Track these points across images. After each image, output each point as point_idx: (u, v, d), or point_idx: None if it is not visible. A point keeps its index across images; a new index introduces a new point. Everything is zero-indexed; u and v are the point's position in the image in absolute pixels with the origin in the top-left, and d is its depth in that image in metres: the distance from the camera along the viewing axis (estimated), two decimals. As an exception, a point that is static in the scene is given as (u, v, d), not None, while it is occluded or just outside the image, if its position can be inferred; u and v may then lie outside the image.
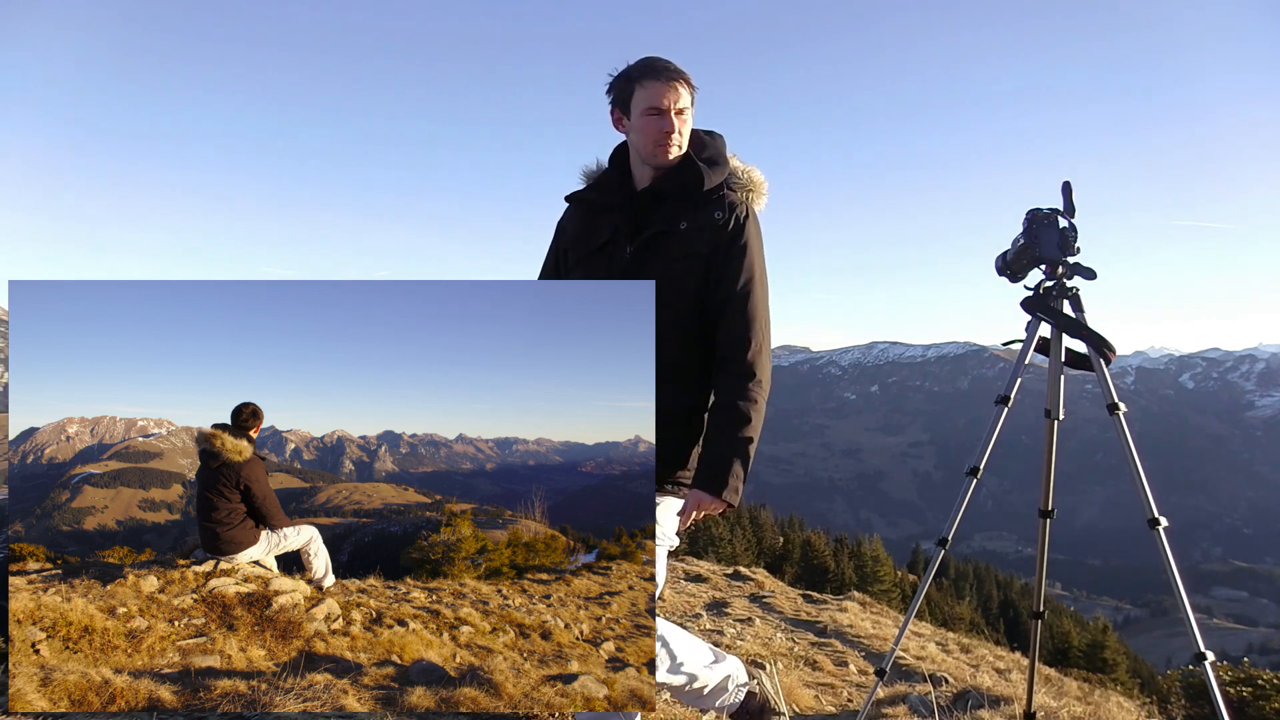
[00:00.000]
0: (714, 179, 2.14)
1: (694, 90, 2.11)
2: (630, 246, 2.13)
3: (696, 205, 2.12)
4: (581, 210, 2.30)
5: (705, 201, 2.12)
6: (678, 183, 2.14)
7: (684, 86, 2.08)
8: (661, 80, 2.06)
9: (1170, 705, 8.79)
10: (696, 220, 2.10)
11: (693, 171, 2.13)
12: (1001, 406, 2.72)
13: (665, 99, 2.05)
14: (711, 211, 2.11)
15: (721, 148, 2.21)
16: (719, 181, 2.15)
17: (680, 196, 2.13)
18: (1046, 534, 2.87)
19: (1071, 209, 2.65)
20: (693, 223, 2.10)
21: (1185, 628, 2.37)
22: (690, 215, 2.11)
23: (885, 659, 2.86)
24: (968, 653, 8.15)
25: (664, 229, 2.11)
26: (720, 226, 2.10)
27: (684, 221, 2.10)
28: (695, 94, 2.12)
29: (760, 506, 37.50)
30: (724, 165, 2.18)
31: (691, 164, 2.13)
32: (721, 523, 31.16)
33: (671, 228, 2.10)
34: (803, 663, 5.88)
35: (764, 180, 2.22)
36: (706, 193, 2.12)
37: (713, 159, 2.17)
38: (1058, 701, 4.49)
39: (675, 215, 2.11)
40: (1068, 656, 18.72)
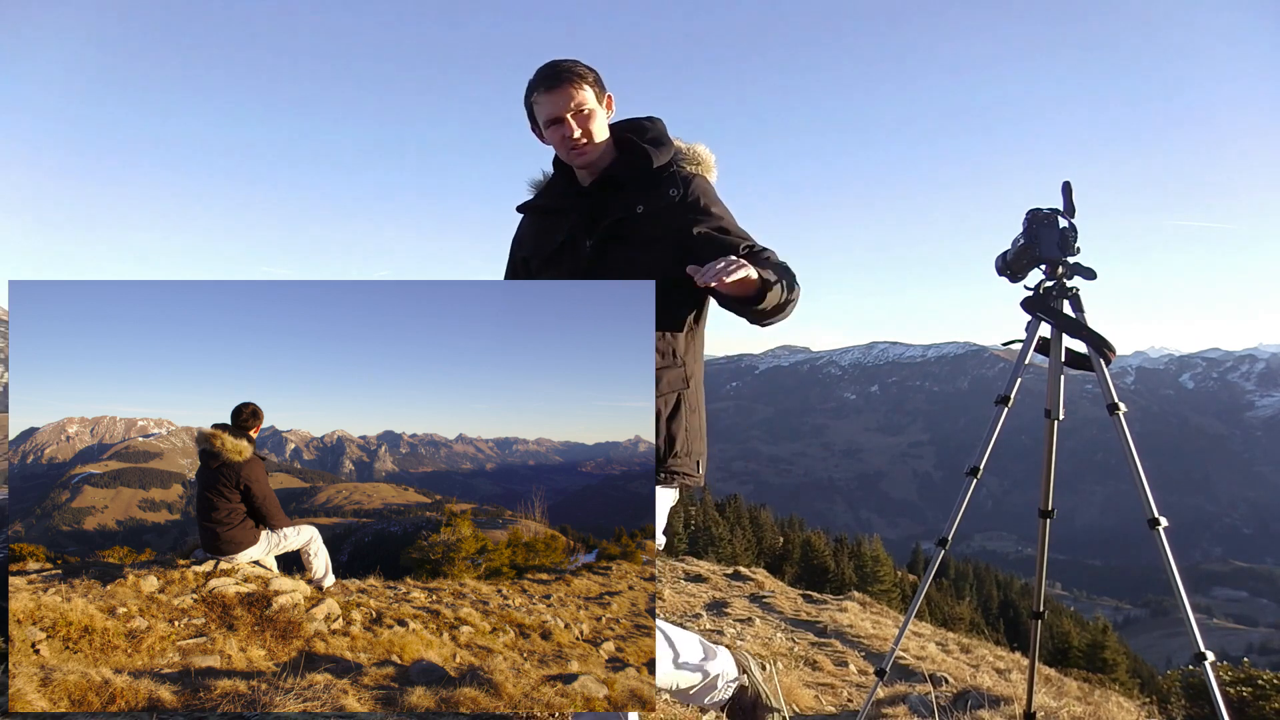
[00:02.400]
0: (661, 157, 2.09)
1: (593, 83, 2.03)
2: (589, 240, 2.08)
3: (650, 186, 2.07)
4: (534, 217, 2.27)
5: (658, 181, 2.08)
6: (627, 168, 2.10)
7: (578, 86, 2.01)
8: (549, 90, 2.01)
9: (1170, 705, 8.79)
10: (653, 202, 2.06)
11: (639, 154, 2.09)
12: (1001, 406, 2.72)
13: (558, 108, 2.01)
14: (666, 190, 2.06)
15: (662, 129, 2.17)
16: (667, 159, 2.10)
17: (633, 181, 2.09)
18: (1046, 534, 2.87)
19: (1071, 209, 2.65)
20: (649, 205, 2.06)
21: (1185, 628, 2.37)
22: (645, 198, 2.06)
23: (885, 659, 2.86)
24: (968, 653, 8.15)
25: (622, 215, 2.06)
26: (678, 204, 2.05)
27: (640, 205, 2.06)
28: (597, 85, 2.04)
29: (760, 506, 37.53)
30: (669, 145, 2.14)
31: (636, 148, 2.10)
32: (721, 522, 31.18)
33: (629, 214, 2.06)
34: (803, 663, 5.88)
35: (711, 154, 2.18)
36: (658, 170, 2.08)
37: (656, 140, 2.13)
38: (1058, 701, 4.49)
39: (631, 200, 2.07)
40: (1068, 656, 18.71)
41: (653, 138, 2.13)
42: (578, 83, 2.00)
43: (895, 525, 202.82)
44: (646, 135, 2.14)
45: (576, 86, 2.00)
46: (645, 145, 2.10)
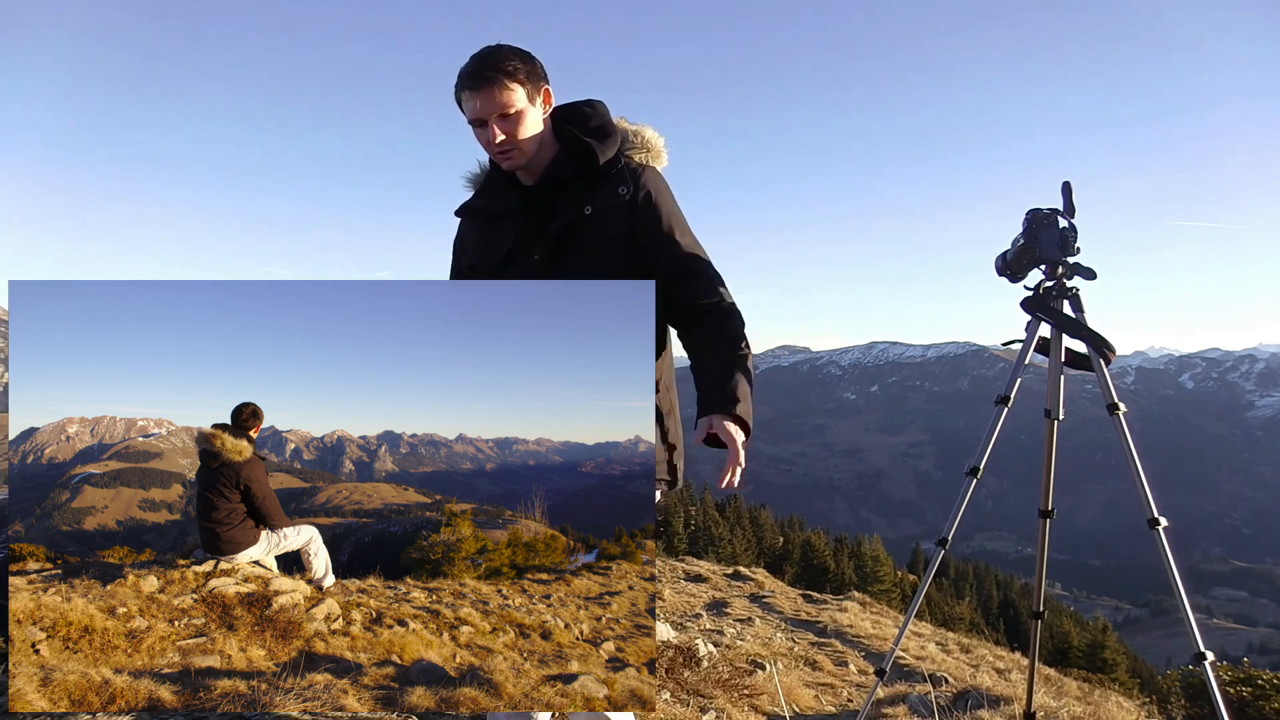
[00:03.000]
0: (607, 151, 1.91)
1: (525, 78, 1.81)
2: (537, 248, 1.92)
3: (598, 185, 1.91)
4: (476, 223, 2.06)
5: (605, 178, 1.91)
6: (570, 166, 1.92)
7: (503, 87, 1.79)
8: (473, 90, 1.80)
9: (1170, 705, 8.79)
10: (601, 201, 1.90)
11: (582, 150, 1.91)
12: (1001, 406, 2.72)
13: (479, 109, 1.80)
14: (615, 188, 1.90)
15: (605, 115, 1.98)
16: (613, 153, 1.92)
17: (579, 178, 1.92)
18: (1046, 534, 2.87)
19: (1071, 209, 2.65)
20: (598, 205, 1.90)
21: (1185, 628, 2.37)
22: (594, 197, 1.90)
23: (885, 659, 2.86)
24: (968, 653, 8.16)
25: (570, 219, 1.90)
26: (629, 203, 1.90)
27: (589, 205, 1.90)
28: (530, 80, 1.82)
29: (760, 506, 37.53)
30: (614, 135, 1.94)
31: (578, 142, 1.91)
32: (721, 522, 31.17)
33: (577, 215, 1.90)
34: (803, 663, 5.89)
35: (660, 138, 2.01)
36: (604, 166, 1.90)
37: (600, 130, 1.94)
38: (1058, 701, 4.49)
39: (578, 201, 1.90)
40: (1068, 656, 18.71)
41: (596, 127, 1.94)
42: (503, 83, 1.78)
43: (895, 525, 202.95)
44: (589, 124, 1.94)
45: (501, 87, 1.78)
46: (588, 140, 1.91)
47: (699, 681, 3.96)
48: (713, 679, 4.04)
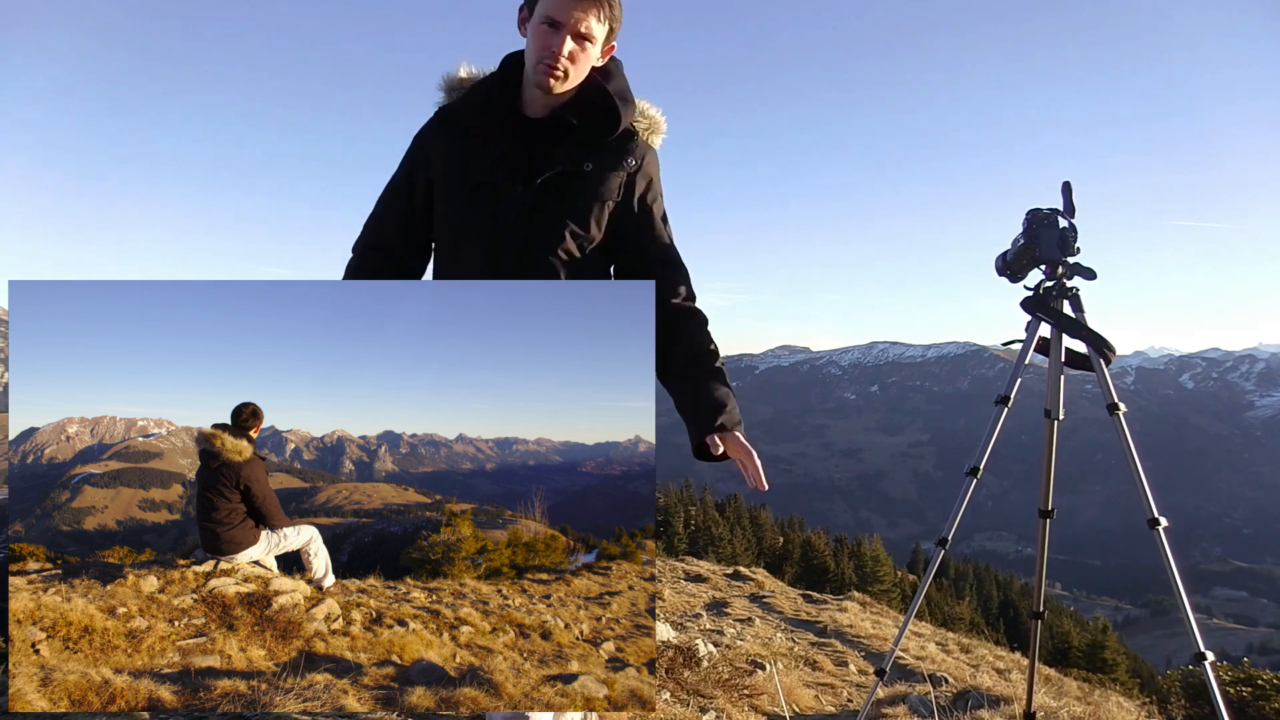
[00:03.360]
0: (629, 116, 1.83)
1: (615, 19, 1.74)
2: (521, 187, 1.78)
3: (605, 144, 1.82)
4: (454, 136, 1.86)
5: (616, 142, 1.83)
6: (586, 116, 1.80)
7: (604, 9, 1.70)
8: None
9: (1170, 705, 8.80)
10: (604, 163, 1.81)
11: (604, 104, 1.80)
12: (1001, 406, 2.72)
13: (568, 13, 1.68)
14: (623, 158, 1.82)
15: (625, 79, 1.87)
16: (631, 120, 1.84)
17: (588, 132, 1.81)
18: (1046, 534, 2.88)
19: (1071, 209, 2.66)
20: (600, 165, 1.80)
21: (1185, 628, 2.37)
22: (597, 156, 1.80)
23: (885, 659, 2.86)
24: (968, 653, 8.16)
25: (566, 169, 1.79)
26: (632, 175, 1.83)
27: (589, 163, 1.79)
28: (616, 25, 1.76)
29: (760, 506, 37.52)
30: (631, 103, 1.85)
31: (603, 95, 1.80)
32: (721, 522, 31.18)
33: (575, 169, 1.79)
34: (803, 663, 5.89)
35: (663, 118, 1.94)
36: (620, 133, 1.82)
37: (622, 93, 1.83)
38: (1058, 701, 4.50)
39: (579, 155, 1.80)
40: (1068, 656, 18.72)
41: (619, 89, 1.84)
42: (607, 8, 1.71)
43: (895, 525, 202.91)
44: (612, 82, 1.83)
45: (602, 8, 1.70)
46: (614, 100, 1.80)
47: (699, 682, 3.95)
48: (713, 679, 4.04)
